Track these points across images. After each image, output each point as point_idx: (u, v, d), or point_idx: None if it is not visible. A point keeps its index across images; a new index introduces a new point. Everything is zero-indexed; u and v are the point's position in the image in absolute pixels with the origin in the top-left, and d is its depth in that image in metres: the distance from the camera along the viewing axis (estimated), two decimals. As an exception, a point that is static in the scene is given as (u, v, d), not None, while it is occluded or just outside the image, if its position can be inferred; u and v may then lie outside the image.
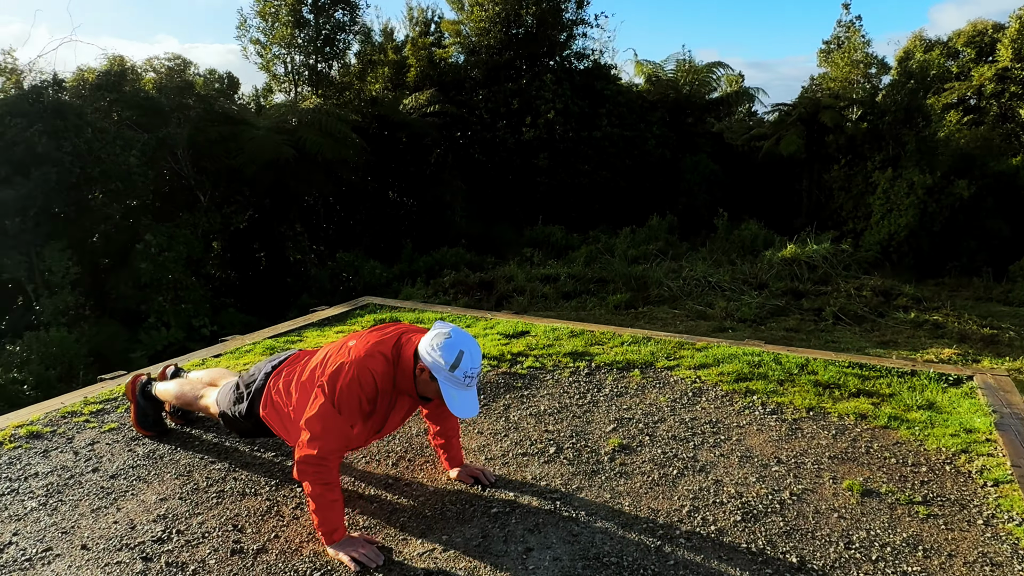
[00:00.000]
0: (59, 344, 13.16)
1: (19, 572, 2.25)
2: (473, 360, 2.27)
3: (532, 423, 3.29)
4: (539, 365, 4.07)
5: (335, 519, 2.26)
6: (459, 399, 2.28)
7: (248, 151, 16.44)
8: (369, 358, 2.31)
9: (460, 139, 19.51)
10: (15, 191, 14.17)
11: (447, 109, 19.63)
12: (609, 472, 2.83)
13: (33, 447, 3.22)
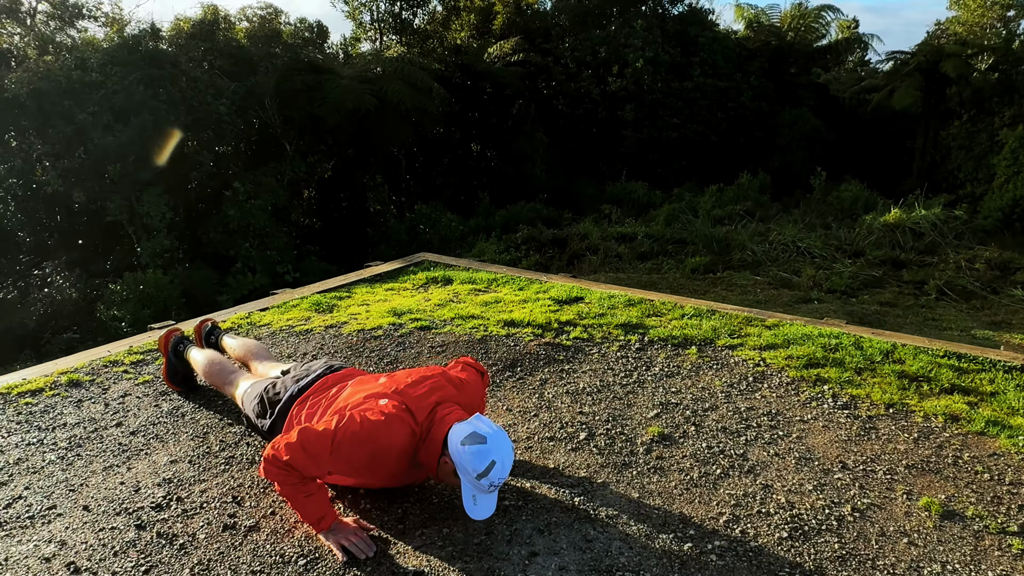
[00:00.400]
0: (155, 285, 13.91)
1: (18, 530, 2.22)
2: (503, 470, 2.06)
3: (567, 402, 3.01)
4: (586, 336, 3.76)
5: (318, 509, 2.10)
6: (479, 502, 2.10)
7: (331, 100, 16.54)
8: (395, 430, 2.13)
9: (544, 90, 18.93)
10: (115, 138, 14.87)
11: (531, 58, 19.04)
12: (642, 466, 2.52)
13: (69, 396, 3.24)
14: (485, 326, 3.92)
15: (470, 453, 2.04)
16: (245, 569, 1.99)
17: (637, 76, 17.69)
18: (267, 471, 2.05)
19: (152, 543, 2.12)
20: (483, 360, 3.44)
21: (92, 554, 2.08)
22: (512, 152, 18.38)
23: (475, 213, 15.53)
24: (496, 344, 3.65)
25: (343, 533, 2.07)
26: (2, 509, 2.33)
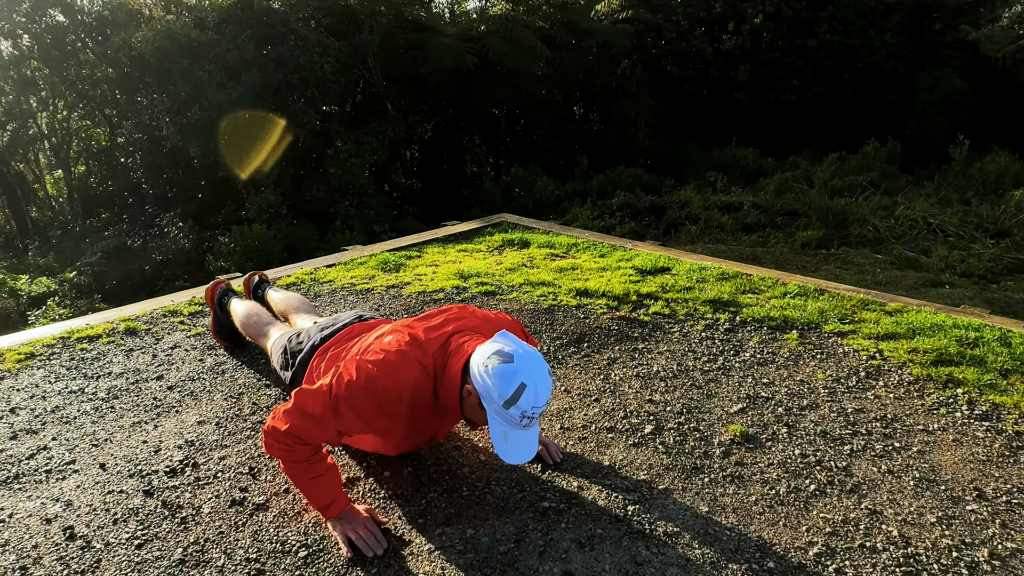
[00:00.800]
0: (259, 238, 14.44)
1: (32, 484, 2.10)
2: (536, 397, 1.68)
3: (636, 387, 2.61)
4: (668, 312, 3.31)
5: (326, 493, 1.82)
6: (511, 441, 1.72)
7: (433, 59, 16.37)
8: (398, 368, 1.80)
9: (652, 49, 17.92)
10: (227, 95, 15.41)
11: (641, 15, 18.05)
12: (717, 472, 2.10)
13: (123, 344, 3.17)
14: (555, 294, 3.54)
15: (494, 375, 1.67)
16: (240, 555, 1.76)
17: (755, 33, 16.33)
18: (268, 446, 1.79)
19: (154, 513, 1.94)
20: (547, 333, 3.08)
21: (93, 519, 1.92)
22: (615, 115, 17.59)
23: (572, 178, 15.00)
24: (564, 315, 3.27)
25: (352, 524, 1.80)
26: (25, 459, 2.24)
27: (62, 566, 1.74)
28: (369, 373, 1.77)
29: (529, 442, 1.74)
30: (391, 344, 1.84)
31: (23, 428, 2.43)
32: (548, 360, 2.84)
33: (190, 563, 1.74)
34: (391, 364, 1.79)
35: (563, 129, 19.18)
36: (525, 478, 2.06)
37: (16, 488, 2.08)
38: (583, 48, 18.28)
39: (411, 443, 2.06)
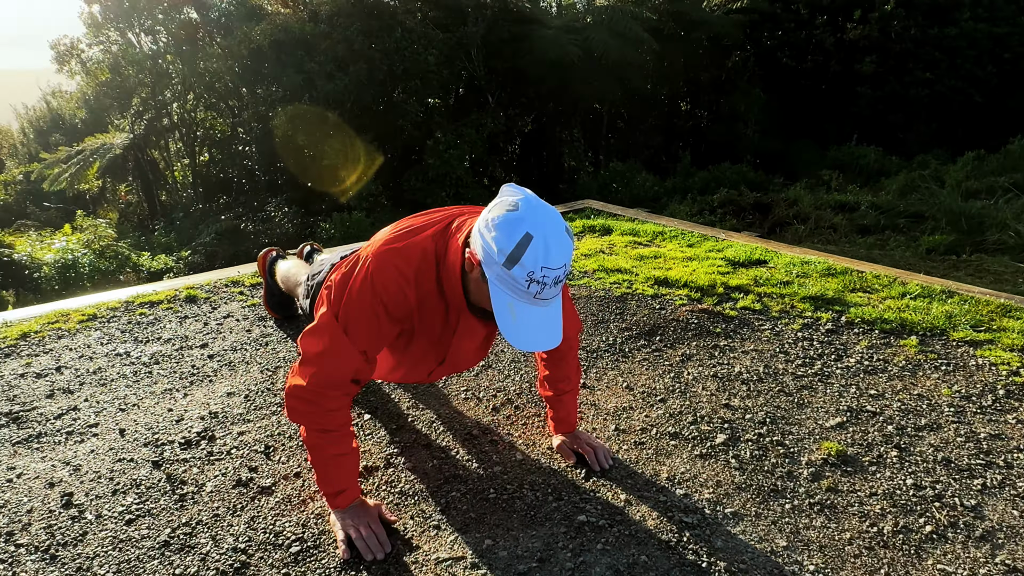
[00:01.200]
0: (357, 225, 14.77)
1: (51, 445, 2.01)
2: (547, 255, 1.30)
3: (711, 389, 2.23)
4: (759, 307, 2.88)
5: (340, 478, 1.58)
6: (520, 318, 1.35)
7: (535, 51, 16.17)
8: (396, 252, 1.49)
9: (767, 40, 16.90)
10: (335, 85, 15.86)
11: (757, 5, 17.05)
12: (802, 498, 1.70)
13: (180, 311, 3.11)
14: (631, 282, 3.19)
15: (495, 227, 1.33)
16: (229, 543, 1.56)
17: (884, 22, 15.00)
18: (290, 409, 1.53)
19: (156, 487, 1.78)
20: (617, 323, 2.74)
21: (94, 487, 1.78)
22: (723, 110, 16.73)
23: (673, 173, 14.36)
24: (638, 304, 2.92)
25: (357, 520, 1.55)
26: (53, 419, 2.16)
27: (47, 535, 1.60)
28: (368, 276, 1.49)
29: (545, 323, 1.38)
30: (385, 236, 1.56)
31: (62, 387, 2.37)
32: (614, 352, 2.50)
33: (174, 546, 1.55)
34: (389, 257, 1.49)
35: (667, 125, 18.49)
36: (563, 485, 1.75)
37: (35, 447, 2.00)
38: (692, 40, 17.51)
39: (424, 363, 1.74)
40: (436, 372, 1.80)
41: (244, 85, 18.21)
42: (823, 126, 15.65)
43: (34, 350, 2.71)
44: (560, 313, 1.43)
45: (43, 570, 1.49)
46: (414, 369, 1.76)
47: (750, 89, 16.26)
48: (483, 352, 1.84)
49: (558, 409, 1.90)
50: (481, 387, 2.28)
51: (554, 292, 1.35)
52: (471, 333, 1.67)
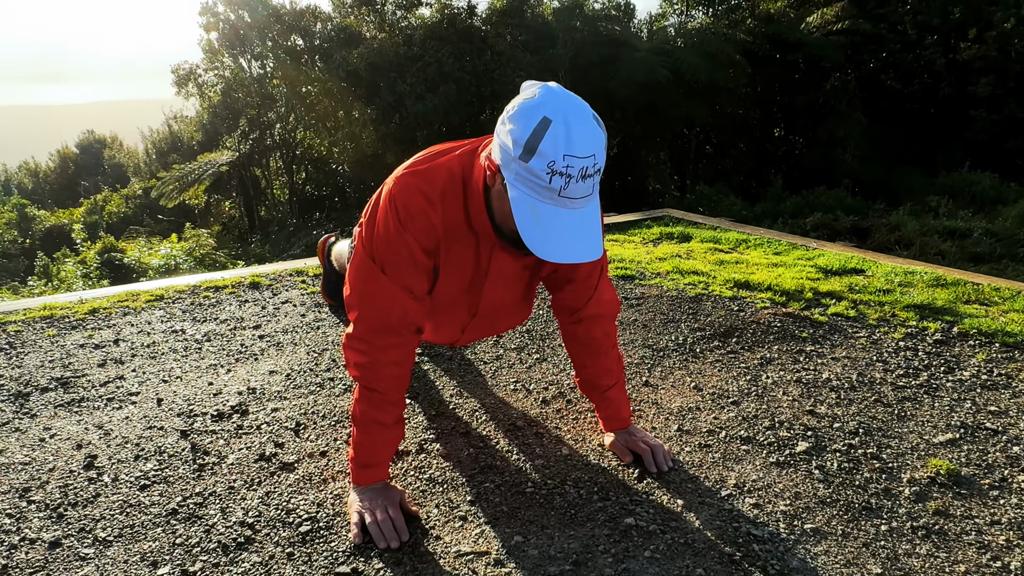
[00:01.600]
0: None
1: (90, 410, 1.97)
2: (569, 141, 1.10)
3: (793, 395, 1.95)
4: (853, 314, 2.56)
5: (372, 450, 1.42)
6: (544, 221, 1.14)
7: (623, 73, 16.02)
8: (418, 175, 1.33)
9: (869, 62, 16.07)
10: (424, 106, 16.23)
11: (859, 26, 16.27)
12: (903, 519, 1.41)
13: (241, 296, 3.10)
14: (707, 284, 2.92)
15: (511, 119, 1.15)
16: (238, 516, 1.43)
17: (1003, 40, 13.94)
18: (346, 362, 1.41)
19: (177, 456, 1.69)
20: (689, 323, 2.49)
21: (118, 452, 1.71)
22: (819, 134, 15.96)
23: (764, 198, 13.74)
24: (713, 305, 2.65)
25: (376, 503, 1.39)
26: (98, 386, 2.13)
27: (60, 494, 1.52)
28: (392, 197, 1.34)
29: (576, 229, 1.16)
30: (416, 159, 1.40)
31: (114, 358, 2.36)
32: (684, 352, 2.26)
33: (181, 515, 1.44)
34: (413, 177, 1.33)
35: (759, 150, 17.82)
36: (612, 484, 1.53)
37: (74, 411, 1.96)
38: (787, 62, 16.89)
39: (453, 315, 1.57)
40: (470, 329, 1.63)
41: (341, 107, 18.93)
42: (931, 152, 14.64)
43: (99, 324, 2.74)
44: (598, 220, 1.21)
45: (47, 527, 1.41)
46: (445, 322, 1.59)
47: (850, 113, 15.45)
48: (524, 309, 1.66)
49: (606, 407, 1.68)
50: (532, 379, 2.09)
51: (584, 190, 1.14)
52: (506, 279, 1.49)
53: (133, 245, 18.52)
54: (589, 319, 1.58)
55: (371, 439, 1.41)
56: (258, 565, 1.28)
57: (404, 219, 1.31)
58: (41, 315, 2.85)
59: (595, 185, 1.17)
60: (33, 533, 1.39)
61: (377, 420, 1.40)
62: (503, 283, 1.49)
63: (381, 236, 1.34)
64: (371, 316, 1.35)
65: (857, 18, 16.42)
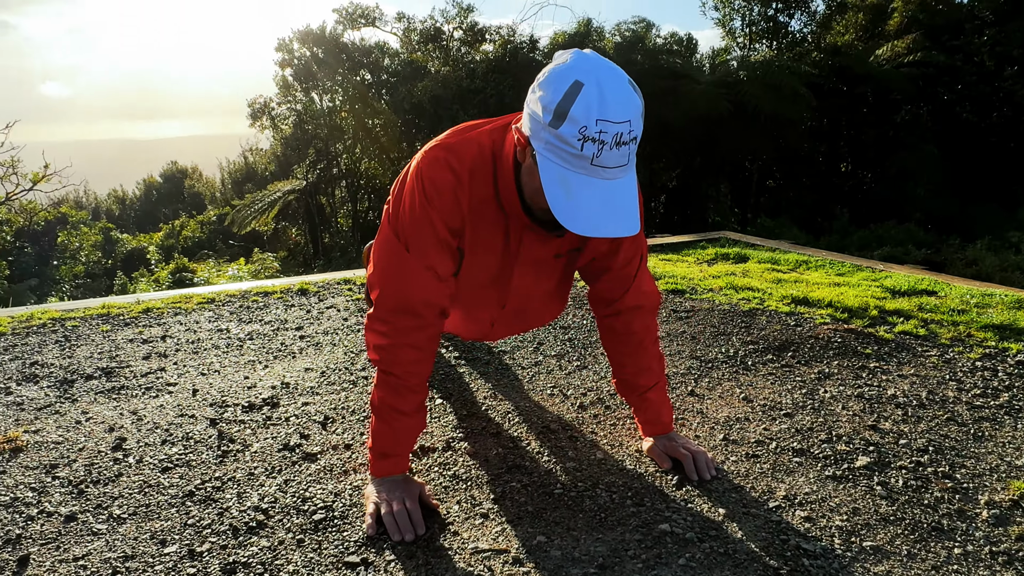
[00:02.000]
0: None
1: (127, 397, 1.97)
2: (604, 104, 1.03)
3: (854, 410, 1.79)
4: (923, 333, 2.37)
5: (391, 440, 1.36)
6: (575, 192, 1.07)
7: (683, 105, 15.90)
8: (446, 148, 1.28)
9: (943, 95, 15.49)
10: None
11: (932, 58, 15.73)
12: (980, 544, 1.24)
13: (288, 301, 3.12)
14: (762, 299, 2.78)
15: (541, 86, 1.09)
16: (253, 501, 1.38)
17: (1093, 73, 13.23)
18: (367, 343, 1.37)
19: (203, 442, 1.66)
20: (742, 336, 2.35)
21: (146, 436, 1.70)
22: (889, 168, 15.40)
23: (829, 232, 13.29)
24: (768, 319, 2.51)
25: (392, 494, 1.32)
26: (141, 376, 2.15)
27: (85, 472, 1.51)
28: (418, 170, 1.28)
29: (610, 200, 1.07)
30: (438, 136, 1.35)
31: (159, 352, 2.39)
32: (734, 364, 2.12)
33: (197, 498, 1.40)
34: (441, 150, 1.28)
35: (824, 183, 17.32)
36: (647, 490, 1.41)
37: (112, 397, 1.97)
38: (855, 95, 16.44)
39: (482, 305, 1.50)
40: (500, 322, 1.56)
41: (404, 138, 19.42)
42: (1011, 186, 13.90)
43: (150, 322, 2.79)
44: (634, 193, 1.12)
45: (66, 502, 1.39)
46: (473, 311, 1.52)
47: (921, 146, 14.87)
48: (556, 303, 1.57)
49: (645, 410, 1.57)
50: (571, 385, 1.99)
51: (618, 158, 1.06)
52: (537, 265, 1.41)
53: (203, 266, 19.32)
54: (628, 311, 1.48)
55: (390, 427, 1.35)
56: (266, 549, 1.22)
57: (431, 194, 1.26)
58: (99, 313, 2.93)
59: (631, 155, 1.10)
60: (52, 507, 1.37)
61: (395, 407, 1.34)
62: (534, 270, 1.41)
63: (407, 212, 1.29)
64: (393, 295, 1.30)
65: (930, 50, 15.90)
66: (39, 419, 1.82)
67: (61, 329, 2.69)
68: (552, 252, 1.40)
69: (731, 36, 20.81)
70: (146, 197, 35.77)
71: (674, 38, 21.13)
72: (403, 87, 18.62)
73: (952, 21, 16.37)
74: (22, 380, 2.11)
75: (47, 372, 2.18)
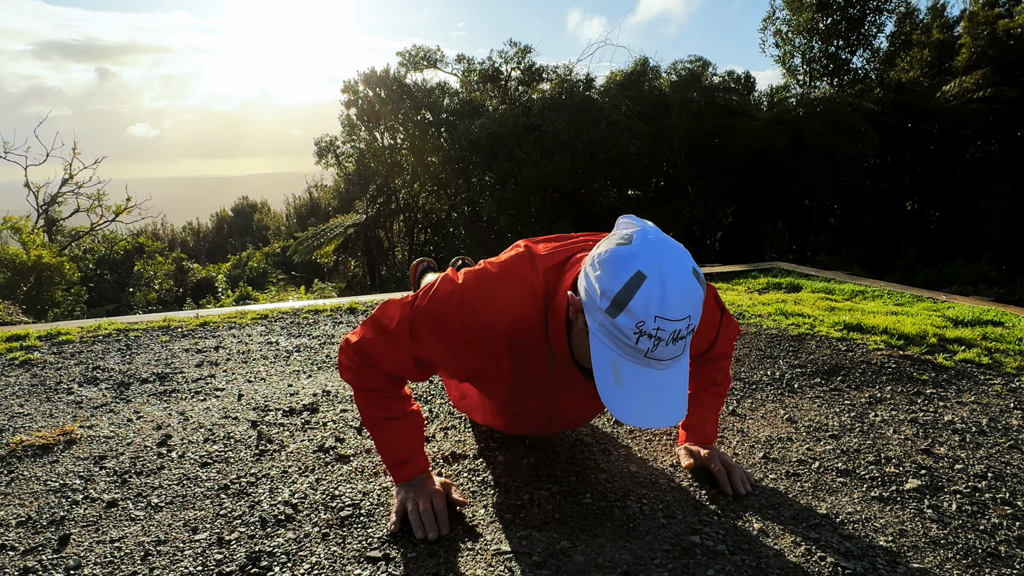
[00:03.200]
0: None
1: (176, 400, 2.05)
2: (665, 301, 0.99)
3: (906, 434, 1.70)
4: (986, 361, 2.24)
5: (399, 447, 1.35)
6: (626, 380, 1.04)
7: (740, 141, 15.74)
8: (498, 284, 1.24)
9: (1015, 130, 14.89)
10: (538, 171, 16.65)
11: (1003, 93, 15.19)
12: (1040, 572, 1.15)
13: (336, 319, 3.20)
14: (812, 325, 2.69)
15: (601, 265, 1.04)
16: (284, 496, 1.40)
17: None
18: (339, 364, 1.38)
19: (242, 440, 1.70)
20: (790, 360, 2.28)
21: (191, 434, 1.75)
22: (958, 206, 14.80)
23: (893, 271, 12.80)
24: (817, 345, 2.42)
25: (421, 493, 1.31)
26: (192, 381, 2.23)
27: (130, 464, 1.57)
28: (461, 287, 1.27)
29: (660, 390, 1.03)
30: (500, 258, 1.35)
31: (211, 360, 2.48)
32: (779, 387, 2.05)
33: (231, 491, 1.43)
34: (489, 279, 1.26)
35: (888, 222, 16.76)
36: (679, 503, 1.37)
37: (164, 399, 2.05)
38: (920, 132, 15.97)
39: (529, 416, 1.48)
40: (548, 428, 1.55)
41: (461, 174, 19.79)
42: (1095, 226, 13.15)
43: (206, 334, 2.90)
44: (685, 379, 1.08)
45: (109, 489, 1.44)
46: (518, 423, 1.52)
47: (993, 183, 14.27)
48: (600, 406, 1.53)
49: (694, 412, 1.53)
50: (608, 402, 1.97)
51: (673, 352, 1.03)
52: (584, 390, 1.31)
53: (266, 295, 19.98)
54: (711, 360, 1.49)
55: (389, 435, 1.34)
56: (291, 541, 1.23)
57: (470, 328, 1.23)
58: (160, 325, 3.07)
59: (686, 346, 1.06)
60: (96, 493, 1.43)
61: (384, 416, 1.34)
62: (579, 395, 1.37)
63: (434, 312, 1.26)
64: (371, 351, 1.30)
65: (1001, 85, 15.36)
66: (94, 416, 1.90)
67: (124, 339, 2.82)
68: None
69: (791, 74, 20.60)
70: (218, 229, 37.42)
71: (731, 76, 21.04)
72: (461, 124, 19.05)
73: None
74: (83, 382, 2.22)
75: (107, 376, 2.29)
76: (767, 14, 19.57)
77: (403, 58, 21.17)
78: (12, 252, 13.24)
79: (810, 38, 18.98)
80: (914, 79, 17.69)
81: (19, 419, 1.87)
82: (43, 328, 2.99)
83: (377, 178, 22.08)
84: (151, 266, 21.76)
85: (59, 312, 13.07)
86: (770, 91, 22.69)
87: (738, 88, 20.28)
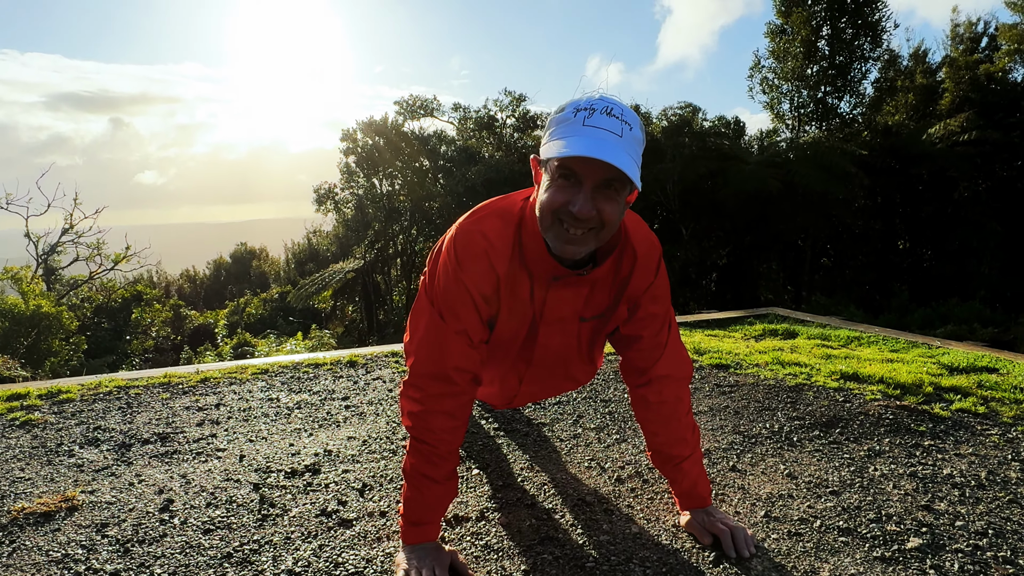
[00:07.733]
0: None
1: (178, 461, 2.05)
2: (589, 98, 1.20)
3: (906, 489, 1.71)
4: (983, 411, 2.26)
5: (425, 510, 1.38)
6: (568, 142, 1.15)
7: (733, 184, 15.98)
8: (479, 220, 1.36)
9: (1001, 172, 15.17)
10: (534, 216, 16.82)
11: (988, 135, 15.52)
12: (1043, 634, 1.16)
13: (337, 373, 3.21)
14: (809, 375, 2.71)
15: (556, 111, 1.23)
16: (287, 565, 1.40)
17: None
18: (401, 409, 1.43)
19: (246, 506, 1.70)
20: (787, 411, 2.29)
21: (193, 499, 1.75)
22: (950, 245, 14.98)
23: (887, 310, 12.86)
24: (815, 396, 2.44)
25: (424, 562, 1.32)
26: (193, 441, 2.23)
27: (132, 532, 1.57)
28: (451, 244, 1.36)
29: (600, 140, 1.13)
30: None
31: (212, 419, 2.48)
32: (778, 440, 2.07)
33: (235, 559, 1.43)
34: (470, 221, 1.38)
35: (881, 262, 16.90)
36: (682, 566, 1.37)
37: (165, 460, 2.05)
38: (910, 174, 16.25)
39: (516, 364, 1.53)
40: (528, 380, 1.57)
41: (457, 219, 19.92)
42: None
43: (206, 391, 2.90)
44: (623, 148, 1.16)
45: (111, 560, 1.44)
46: (501, 370, 1.55)
47: (983, 222, 14.46)
48: (583, 366, 1.58)
49: (680, 481, 1.54)
50: (609, 458, 1.97)
51: (609, 124, 1.15)
52: (563, 323, 1.43)
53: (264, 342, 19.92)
54: (659, 380, 1.49)
55: (421, 494, 1.37)
56: (297, 611, 1.23)
57: (464, 262, 1.33)
58: (160, 382, 3.07)
59: (623, 130, 1.16)
60: (98, 564, 1.42)
61: (427, 475, 1.36)
62: (559, 328, 1.45)
63: (441, 280, 1.36)
64: (426, 360, 1.35)
65: (985, 128, 15.71)
66: (96, 480, 1.90)
67: (125, 396, 2.83)
68: (576, 312, 1.42)
69: (779, 119, 21.02)
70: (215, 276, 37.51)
71: (721, 121, 21.45)
72: (458, 171, 19.33)
73: (1007, 99, 16.21)
74: (84, 443, 2.22)
75: (108, 436, 2.29)
76: (753, 62, 20.03)
77: (401, 107, 21.58)
78: (11, 302, 13.24)
79: (797, 85, 19.43)
80: (900, 122, 18.08)
81: (20, 484, 1.87)
82: (43, 386, 3.00)
83: (375, 224, 22.27)
84: (149, 313, 21.74)
85: (56, 362, 13.00)
86: (760, 135, 23.12)
87: (728, 132, 20.67)
